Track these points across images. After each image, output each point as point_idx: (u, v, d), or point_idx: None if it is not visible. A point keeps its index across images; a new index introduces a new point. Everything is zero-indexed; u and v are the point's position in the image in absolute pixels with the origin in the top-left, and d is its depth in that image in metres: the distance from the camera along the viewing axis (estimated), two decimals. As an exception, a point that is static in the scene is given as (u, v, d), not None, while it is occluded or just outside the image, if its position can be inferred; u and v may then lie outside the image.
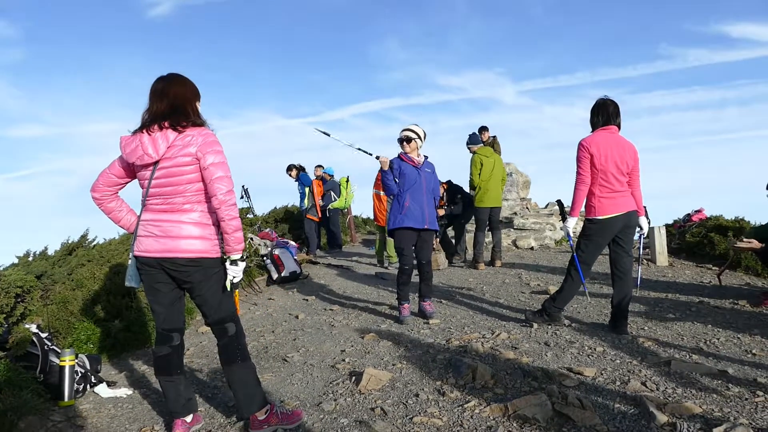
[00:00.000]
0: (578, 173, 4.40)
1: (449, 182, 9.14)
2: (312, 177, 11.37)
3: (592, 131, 4.48)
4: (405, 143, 5.33)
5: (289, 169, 11.48)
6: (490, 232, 8.91)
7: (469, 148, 8.70)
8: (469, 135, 8.78)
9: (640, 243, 5.15)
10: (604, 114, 4.42)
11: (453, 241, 9.37)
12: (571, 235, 4.75)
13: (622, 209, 4.38)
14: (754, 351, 3.88)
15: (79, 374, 3.88)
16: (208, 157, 2.70)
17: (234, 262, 2.85)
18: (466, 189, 9.03)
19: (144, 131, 2.73)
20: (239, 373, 2.92)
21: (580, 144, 4.38)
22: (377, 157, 5.23)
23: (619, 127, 4.46)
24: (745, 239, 5.48)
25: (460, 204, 8.92)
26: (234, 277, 2.88)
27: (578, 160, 4.39)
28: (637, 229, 4.64)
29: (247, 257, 7.89)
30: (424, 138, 5.41)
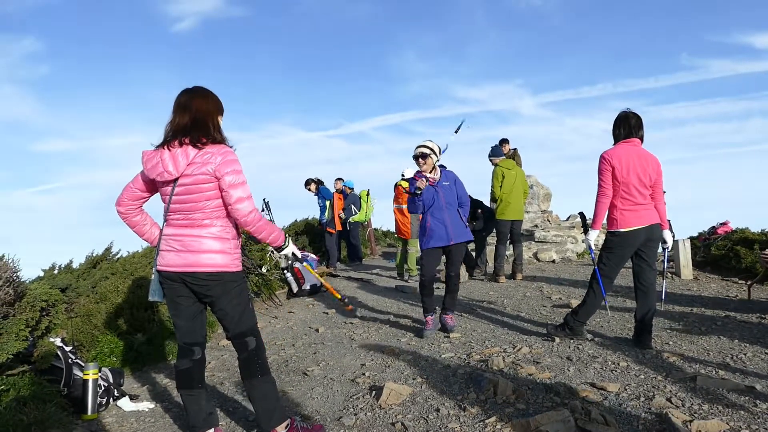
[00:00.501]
0: (599, 186, 4.37)
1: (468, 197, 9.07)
2: (332, 190, 11.41)
3: (614, 144, 4.45)
4: (420, 160, 5.20)
5: (308, 183, 11.53)
6: (511, 245, 8.86)
7: (491, 161, 8.68)
8: (491, 147, 8.78)
9: (664, 256, 5.06)
10: (626, 127, 4.39)
11: (473, 253, 9.32)
12: (593, 247, 4.70)
13: (644, 222, 4.32)
14: (784, 367, 3.77)
15: (102, 388, 3.92)
16: (227, 178, 2.71)
17: (279, 249, 3.09)
18: (486, 202, 8.99)
19: (165, 147, 2.76)
20: (260, 387, 2.93)
21: (602, 156, 4.36)
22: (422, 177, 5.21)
23: (641, 140, 4.42)
24: None
25: (481, 219, 8.88)
26: (286, 257, 3.21)
27: (599, 172, 4.36)
28: (661, 243, 4.57)
29: (272, 264, 7.98)
30: (440, 153, 5.29)
